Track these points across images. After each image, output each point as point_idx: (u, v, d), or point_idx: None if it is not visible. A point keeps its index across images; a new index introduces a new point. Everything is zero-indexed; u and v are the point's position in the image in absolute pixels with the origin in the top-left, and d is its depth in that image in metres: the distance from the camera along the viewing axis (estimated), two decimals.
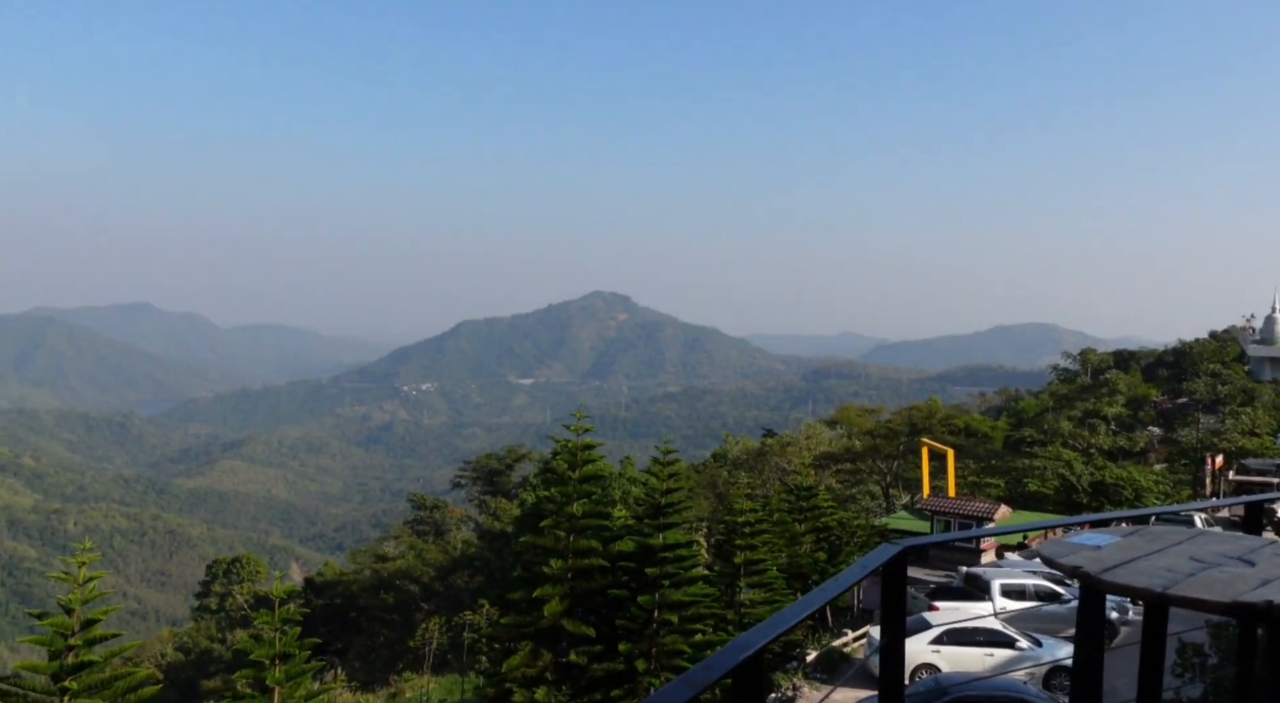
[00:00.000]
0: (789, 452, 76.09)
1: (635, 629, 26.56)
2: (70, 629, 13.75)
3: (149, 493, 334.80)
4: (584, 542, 27.19)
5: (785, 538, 37.53)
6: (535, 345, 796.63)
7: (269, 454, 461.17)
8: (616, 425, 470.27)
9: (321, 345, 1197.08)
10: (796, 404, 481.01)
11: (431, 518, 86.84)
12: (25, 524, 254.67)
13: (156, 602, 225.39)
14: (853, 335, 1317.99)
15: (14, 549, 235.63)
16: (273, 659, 16.52)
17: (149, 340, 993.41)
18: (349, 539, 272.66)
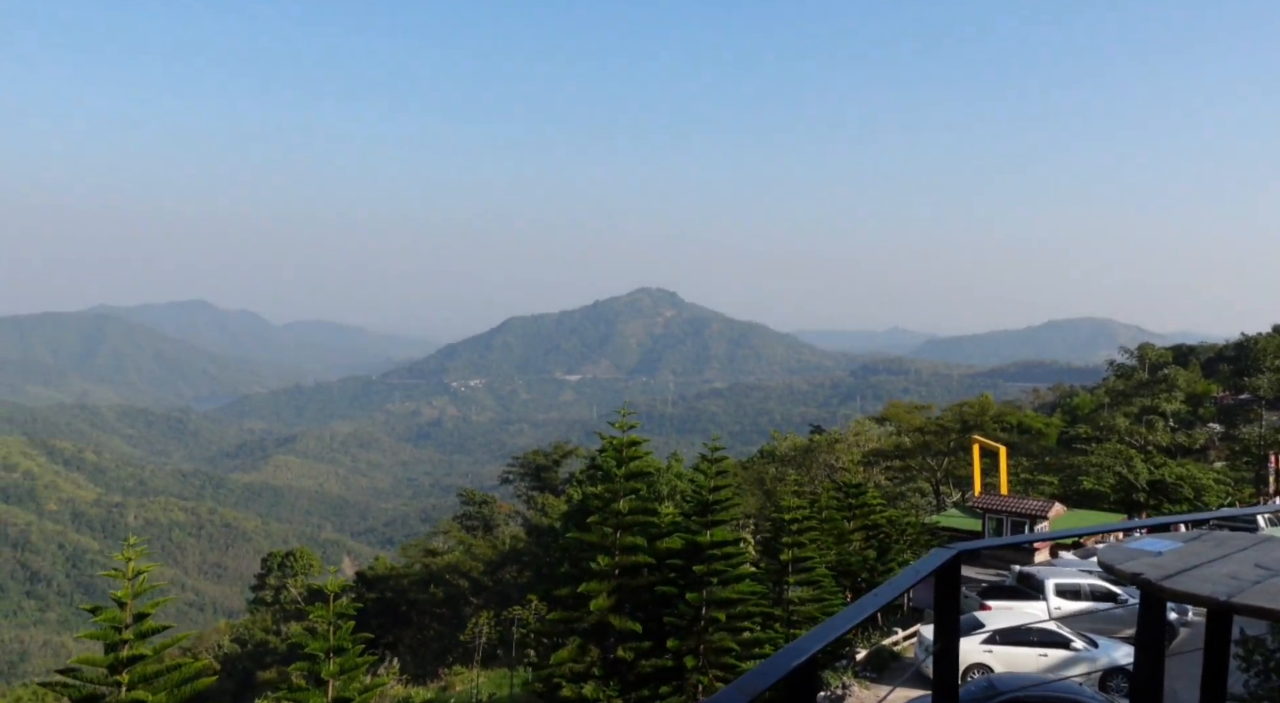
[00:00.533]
0: (837, 449, 75.38)
1: (683, 626, 26.45)
2: (123, 622, 13.99)
3: (206, 487, 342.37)
4: (631, 538, 27.13)
5: (834, 536, 37.14)
6: (582, 342, 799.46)
7: (321, 450, 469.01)
8: (663, 422, 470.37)
9: (372, 342, 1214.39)
10: (845, 400, 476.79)
11: (480, 513, 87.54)
12: (88, 517, 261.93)
13: (214, 594, 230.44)
14: (902, 331, 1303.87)
15: (77, 542, 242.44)
16: (327, 653, 16.72)
17: (205, 337, 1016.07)
18: (399, 534, 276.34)
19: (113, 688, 13.80)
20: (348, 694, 17.12)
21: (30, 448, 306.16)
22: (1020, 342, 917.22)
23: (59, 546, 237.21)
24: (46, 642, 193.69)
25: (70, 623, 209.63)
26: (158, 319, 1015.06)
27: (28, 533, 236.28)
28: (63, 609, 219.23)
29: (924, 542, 41.36)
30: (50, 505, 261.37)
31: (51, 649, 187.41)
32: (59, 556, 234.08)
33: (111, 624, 14.08)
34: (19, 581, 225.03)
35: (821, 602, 30.57)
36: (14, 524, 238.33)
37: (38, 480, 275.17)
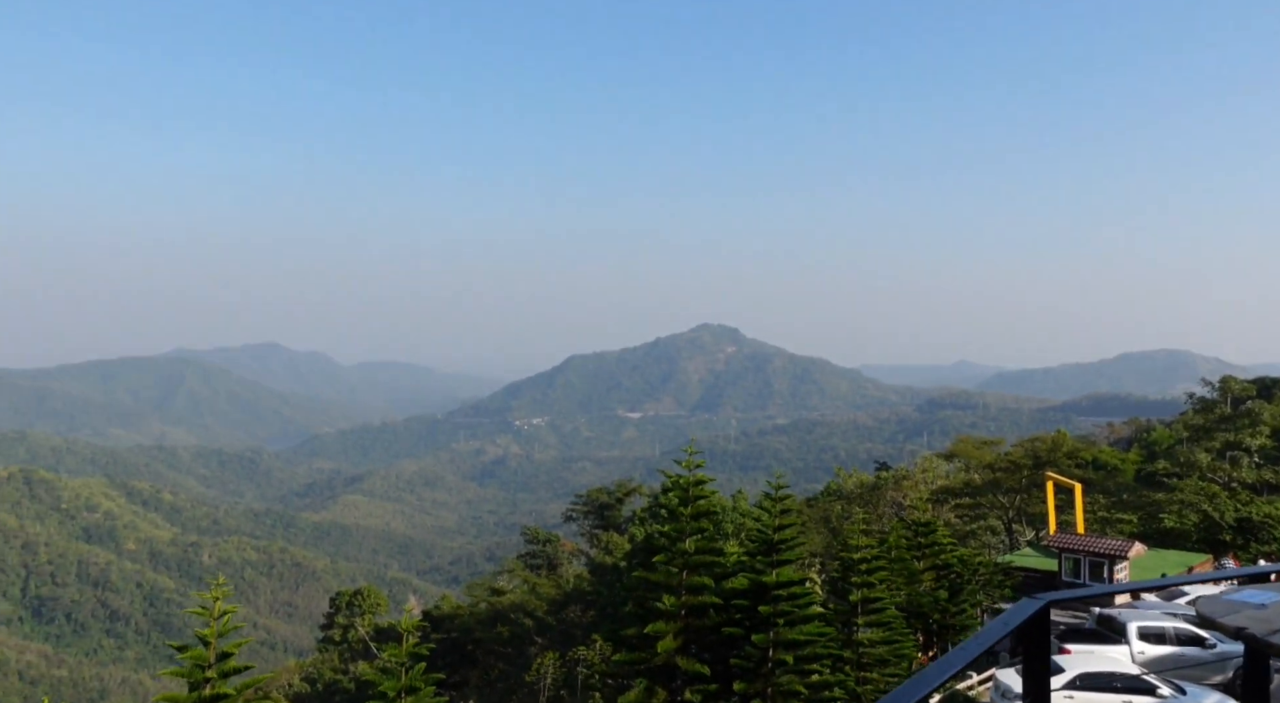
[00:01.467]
0: (904, 486, 74.07)
1: (750, 668, 26.13)
2: (207, 662, 14.37)
3: (277, 527, 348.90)
4: (697, 578, 26.97)
5: (904, 576, 36.43)
6: (644, 379, 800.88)
7: (388, 489, 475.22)
8: (726, 458, 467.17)
9: (437, 382, 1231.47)
10: (911, 436, 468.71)
11: (544, 552, 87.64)
12: (165, 556, 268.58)
13: (284, 632, 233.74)
14: (969, 364, 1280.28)
15: (154, 580, 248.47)
16: (400, 693, 16.91)
17: (277, 378, 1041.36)
18: (464, 572, 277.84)
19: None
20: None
21: (111, 489, 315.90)
22: (1092, 375, 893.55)
23: (137, 584, 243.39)
24: (125, 679, 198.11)
25: (147, 661, 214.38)
26: (231, 362, 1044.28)
27: (108, 572, 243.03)
28: (140, 647, 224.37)
29: (997, 582, 40.30)
30: (129, 545, 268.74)
31: (129, 687, 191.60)
32: (137, 594, 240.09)
33: (196, 663, 14.48)
34: (99, 619, 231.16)
35: (893, 644, 29.94)
36: (95, 563, 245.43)
37: (118, 520, 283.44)
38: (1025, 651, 4.12)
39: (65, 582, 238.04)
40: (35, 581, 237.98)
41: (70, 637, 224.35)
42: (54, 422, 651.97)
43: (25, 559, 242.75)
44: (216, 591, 14.65)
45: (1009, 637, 3.98)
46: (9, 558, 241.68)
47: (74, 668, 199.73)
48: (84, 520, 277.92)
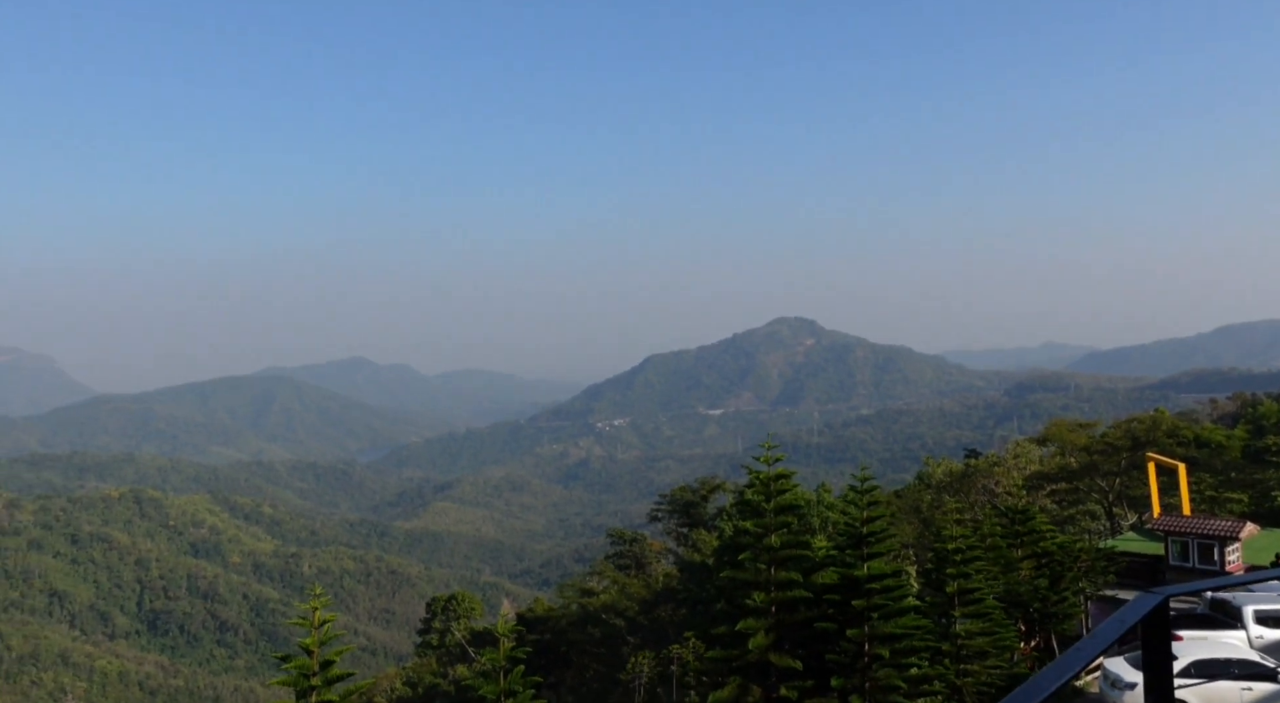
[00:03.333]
0: (996, 472, 72.15)
1: (846, 663, 25.78)
2: (311, 669, 14.78)
3: (371, 536, 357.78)
4: (785, 574, 26.72)
5: (1000, 565, 35.49)
6: (722, 376, 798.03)
7: (476, 495, 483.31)
8: (809, 452, 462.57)
9: (519, 388, 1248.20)
10: (1000, 422, 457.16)
11: (631, 552, 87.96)
12: (267, 568, 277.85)
13: (383, 639, 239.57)
14: (1058, 345, 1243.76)
15: (259, 591, 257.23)
16: (500, 696, 17.16)
17: (364, 392, 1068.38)
18: (554, 574, 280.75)
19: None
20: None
21: (214, 505, 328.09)
22: (1190, 350, 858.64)
23: (243, 596, 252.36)
24: (236, 688, 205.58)
25: (256, 669, 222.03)
26: (320, 377, 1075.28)
27: (215, 585, 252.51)
28: (249, 656, 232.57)
29: (1100, 568, 38.98)
30: (234, 558, 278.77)
31: (241, 695, 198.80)
32: (243, 605, 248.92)
33: (301, 672, 14.91)
34: (210, 630, 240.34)
35: (993, 635, 29.21)
36: (204, 577, 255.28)
37: (222, 535, 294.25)
38: (1145, 647, 3.97)
39: (177, 595, 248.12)
40: (149, 595, 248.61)
41: (184, 648, 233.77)
42: (159, 442, 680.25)
43: (139, 575, 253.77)
44: (315, 601, 15.09)
45: None
46: (124, 574, 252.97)
47: (189, 678, 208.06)
48: (191, 536, 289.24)
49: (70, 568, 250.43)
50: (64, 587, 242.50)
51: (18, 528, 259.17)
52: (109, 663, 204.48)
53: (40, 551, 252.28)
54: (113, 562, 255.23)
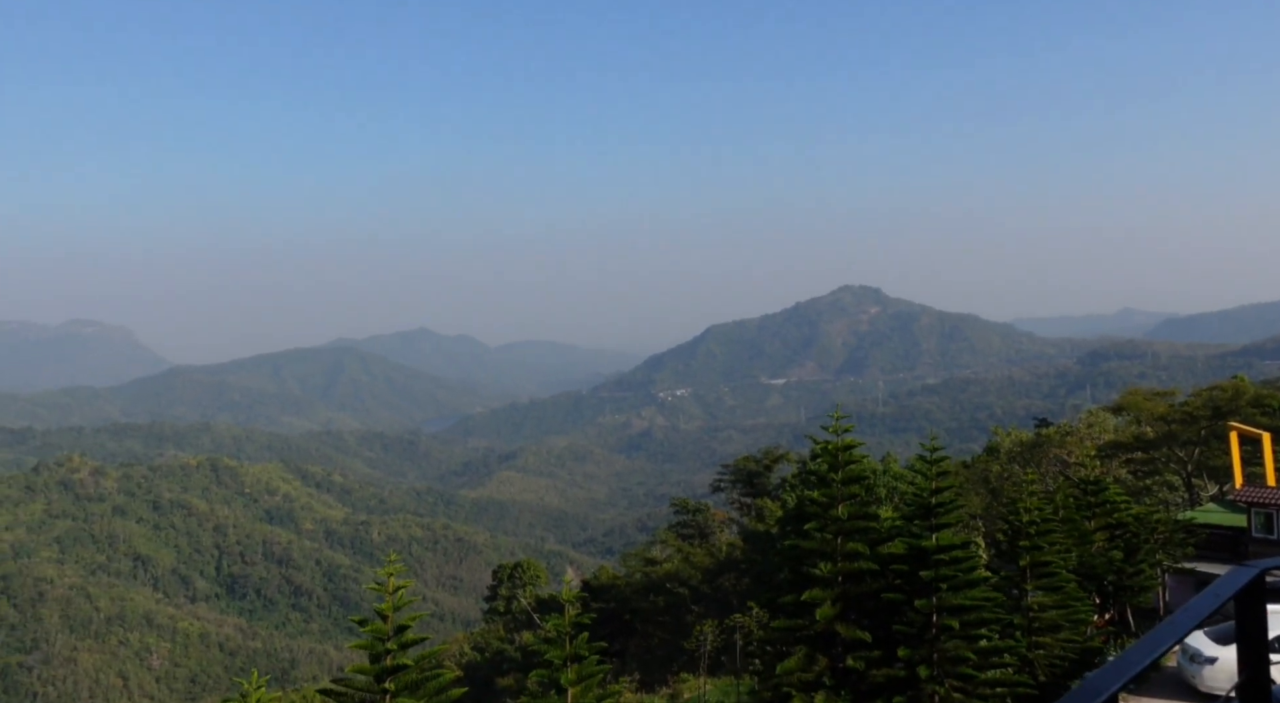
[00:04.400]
0: (1069, 442, 70.43)
1: (914, 634, 25.49)
2: (385, 634, 15.06)
3: (438, 504, 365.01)
4: (852, 544, 26.46)
5: (1074, 536, 34.71)
6: (785, 345, 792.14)
7: (539, 464, 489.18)
8: (874, 422, 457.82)
9: (581, 358, 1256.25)
10: (1072, 390, 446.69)
11: (694, 521, 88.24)
12: (339, 535, 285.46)
13: (451, 605, 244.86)
14: (1134, 311, 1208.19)
15: (331, 558, 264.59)
16: (565, 661, 17.33)
17: (429, 362, 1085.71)
18: (617, 543, 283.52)
19: (379, 696, 14.91)
20: (586, 701, 17.66)
21: (287, 473, 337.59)
22: (1275, 315, 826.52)
23: (316, 562, 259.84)
24: (311, 650, 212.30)
25: (330, 633, 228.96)
26: (386, 349, 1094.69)
27: (290, 551, 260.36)
28: (323, 620, 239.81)
29: (1179, 541, 37.93)
30: (307, 525, 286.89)
31: (316, 658, 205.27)
32: (316, 571, 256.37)
33: (376, 636, 15.22)
34: (285, 594, 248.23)
35: (1066, 608, 28.62)
36: (278, 543, 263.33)
37: (295, 502, 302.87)
38: (1239, 621, 3.89)
39: (253, 561, 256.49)
40: (227, 560, 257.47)
41: (261, 611, 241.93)
42: (233, 412, 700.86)
43: (217, 540, 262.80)
44: (390, 568, 15.38)
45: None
46: (203, 540, 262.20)
47: (266, 640, 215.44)
48: (265, 503, 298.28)
49: (152, 533, 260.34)
50: (147, 551, 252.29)
51: (102, 495, 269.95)
52: (190, 625, 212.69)
53: (124, 516, 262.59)
54: (192, 528, 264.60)
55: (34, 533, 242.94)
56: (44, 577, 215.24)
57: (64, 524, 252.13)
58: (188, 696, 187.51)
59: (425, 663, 15.69)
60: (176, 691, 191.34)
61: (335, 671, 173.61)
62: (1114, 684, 2.72)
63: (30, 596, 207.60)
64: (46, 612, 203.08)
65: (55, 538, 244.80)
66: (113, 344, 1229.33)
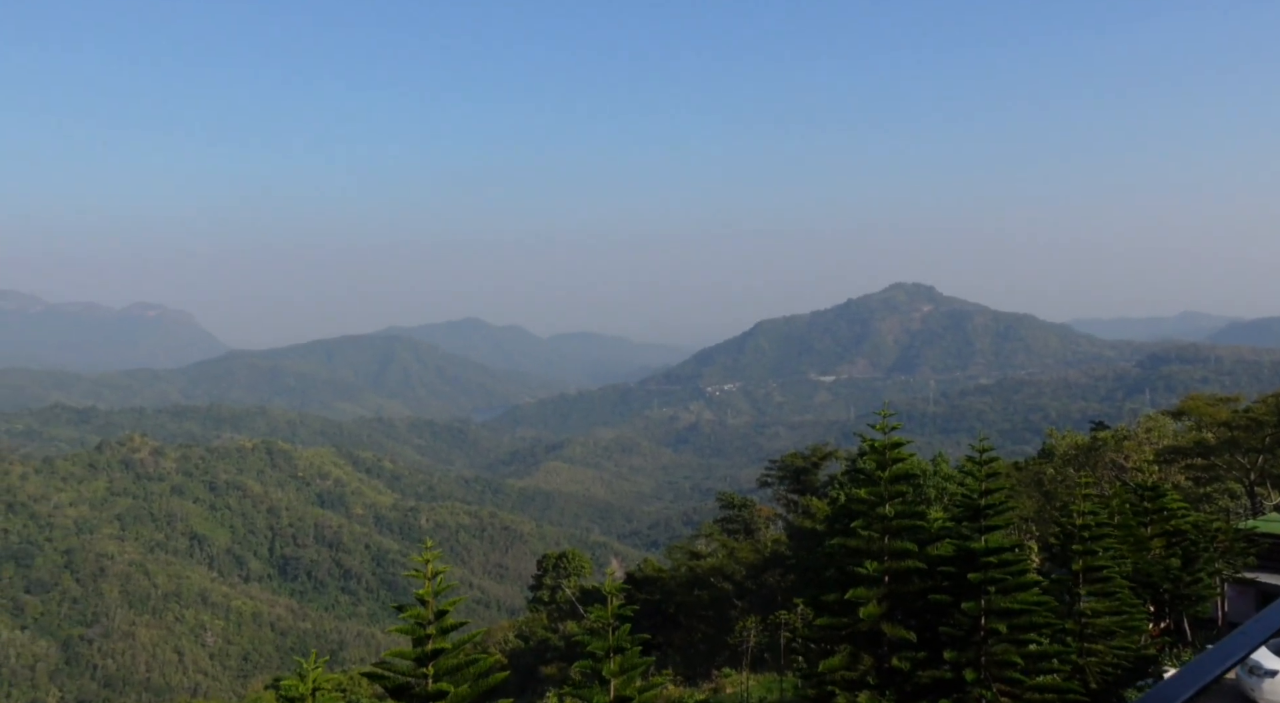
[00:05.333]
0: (1126, 446, 68.77)
1: (961, 637, 25.08)
2: (426, 619, 15.17)
3: (485, 492, 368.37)
4: (899, 544, 26.10)
5: (1129, 543, 33.88)
6: (836, 342, 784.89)
7: (586, 455, 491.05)
8: (924, 421, 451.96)
9: (629, 351, 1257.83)
10: (1130, 394, 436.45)
11: (740, 516, 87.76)
12: (388, 520, 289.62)
13: (497, 592, 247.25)
14: (1197, 314, 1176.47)
15: (380, 542, 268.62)
16: (608, 652, 17.32)
17: (479, 352, 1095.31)
18: (662, 536, 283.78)
19: (420, 679, 15.02)
20: (628, 693, 17.64)
21: (339, 458, 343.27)
22: None
23: (365, 546, 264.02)
24: (359, 633, 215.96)
25: (377, 616, 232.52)
26: (438, 338, 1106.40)
27: (340, 534, 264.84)
28: (371, 604, 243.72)
29: (1239, 550, 36.83)
30: (357, 509, 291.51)
31: (364, 640, 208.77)
32: (365, 555, 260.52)
33: (417, 621, 15.34)
34: (335, 577, 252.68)
35: (1120, 615, 27.95)
36: (329, 527, 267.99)
37: (346, 487, 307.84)
38: None
39: (305, 543, 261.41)
40: (280, 542, 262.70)
41: (311, 593, 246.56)
42: (287, 397, 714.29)
43: (271, 522, 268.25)
44: (428, 554, 15.49)
45: None
46: (258, 521, 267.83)
47: (316, 621, 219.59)
48: (317, 487, 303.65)
49: (209, 513, 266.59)
50: (203, 531, 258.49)
51: (162, 474, 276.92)
52: (244, 604, 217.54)
53: (182, 496, 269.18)
54: (247, 509, 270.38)
55: (96, 510, 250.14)
56: (105, 553, 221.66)
57: (125, 502, 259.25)
58: (240, 673, 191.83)
59: (466, 648, 15.78)
60: (229, 668, 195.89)
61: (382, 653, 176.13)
62: (1184, 693, 2.69)
63: (92, 571, 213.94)
64: (107, 587, 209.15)
65: (116, 515, 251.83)
66: (174, 328, 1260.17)
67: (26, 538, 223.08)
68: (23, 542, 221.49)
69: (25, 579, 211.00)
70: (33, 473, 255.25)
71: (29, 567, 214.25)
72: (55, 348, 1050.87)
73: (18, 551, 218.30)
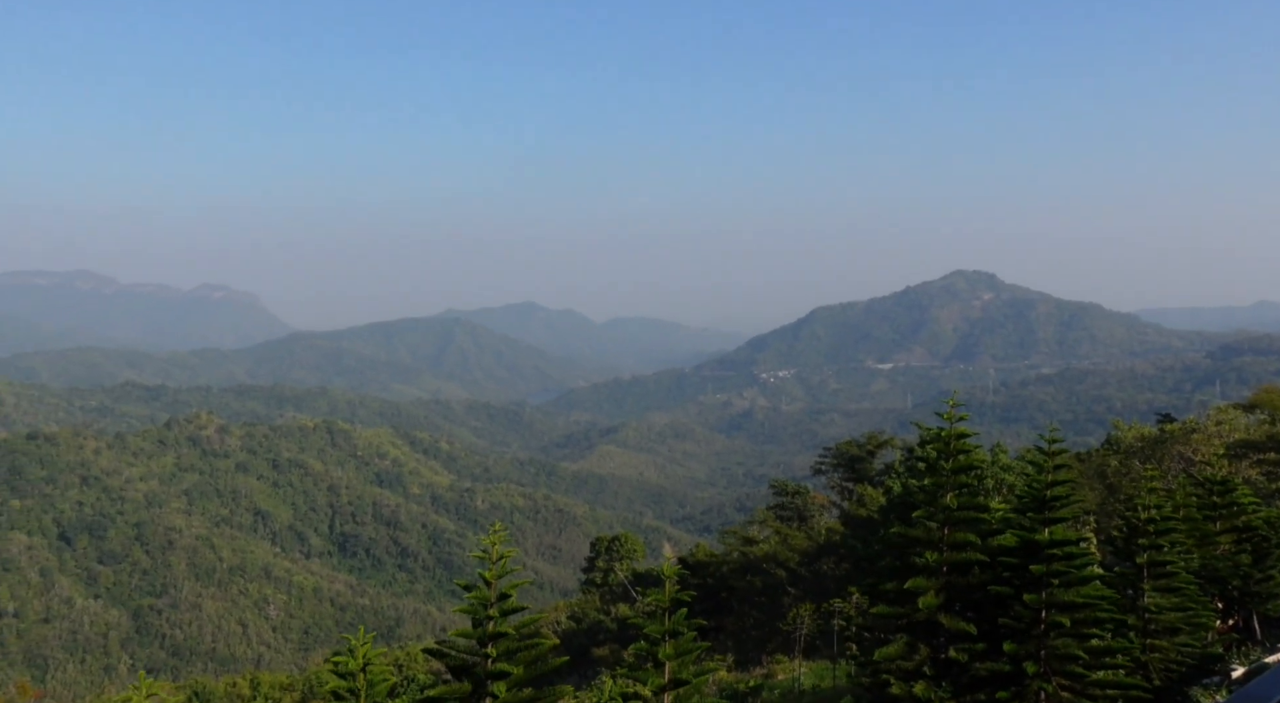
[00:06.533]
0: (1194, 439, 66.88)
1: (1021, 629, 24.73)
2: (488, 600, 15.42)
3: (540, 475, 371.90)
4: (960, 535, 25.77)
5: (1196, 538, 33.04)
6: (893, 329, 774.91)
7: (640, 440, 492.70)
8: (984, 410, 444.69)
9: (684, 336, 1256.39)
10: (1200, 386, 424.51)
11: (794, 503, 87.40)
12: (444, 501, 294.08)
13: (550, 573, 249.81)
14: (1272, 304, 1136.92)
15: (436, 522, 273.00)
16: (664, 636, 17.44)
17: (535, 336, 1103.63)
18: (715, 522, 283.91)
19: (481, 659, 15.30)
20: (683, 677, 17.76)
21: (397, 439, 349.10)
22: None
23: (422, 525, 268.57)
24: (416, 610, 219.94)
25: (434, 595, 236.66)
26: (495, 321, 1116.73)
27: (398, 513, 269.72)
28: (427, 582, 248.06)
29: None
30: (414, 489, 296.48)
31: (420, 617, 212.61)
32: (422, 534, 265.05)
33: (480, 602, 15.61)
34: (392, 555, 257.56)
35: (1185, 611, 27.31)
36: (387, 505, 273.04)
37: (404, 467, 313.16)
38: None
39: (363, 521, 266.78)
40: (340, 519, 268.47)
41: (369, 570, 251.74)
42: (348, 378, 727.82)
43: (331, 500, 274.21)
44: (495, 536, 15.74)
45: None
46: (318, 499, 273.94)
47: (374, 598, 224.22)
48: (376, 467, 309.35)
49: (272, 490, 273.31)
50: (266, 507, 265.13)
51: (227, 452, 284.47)
52: (305, 579, 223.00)
53: (246, 473, 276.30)
54: (308, 487, 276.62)
55: (165, 485, 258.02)
56: (173, 526, 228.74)
57: (192, 478, 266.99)
58: (301, 646, 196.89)
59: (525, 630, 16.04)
60: (291, 640, 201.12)
61: (438, 631, 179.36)
62: (1276, 693, 2.53)
63: (161, 543, 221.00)
64: (175, 559, 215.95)
65: (184, 490, 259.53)
66: (239, 309, 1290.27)
67: (100, 511, 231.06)
68: (96, 514, 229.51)
69: (99, 550, 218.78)
70: (106, 448, 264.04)
71: (102, 538, 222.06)
72: (128, 327, 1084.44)
73: (91, 522, 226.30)
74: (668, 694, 18.18)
